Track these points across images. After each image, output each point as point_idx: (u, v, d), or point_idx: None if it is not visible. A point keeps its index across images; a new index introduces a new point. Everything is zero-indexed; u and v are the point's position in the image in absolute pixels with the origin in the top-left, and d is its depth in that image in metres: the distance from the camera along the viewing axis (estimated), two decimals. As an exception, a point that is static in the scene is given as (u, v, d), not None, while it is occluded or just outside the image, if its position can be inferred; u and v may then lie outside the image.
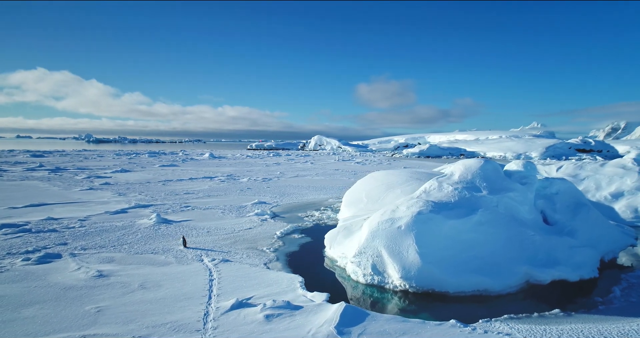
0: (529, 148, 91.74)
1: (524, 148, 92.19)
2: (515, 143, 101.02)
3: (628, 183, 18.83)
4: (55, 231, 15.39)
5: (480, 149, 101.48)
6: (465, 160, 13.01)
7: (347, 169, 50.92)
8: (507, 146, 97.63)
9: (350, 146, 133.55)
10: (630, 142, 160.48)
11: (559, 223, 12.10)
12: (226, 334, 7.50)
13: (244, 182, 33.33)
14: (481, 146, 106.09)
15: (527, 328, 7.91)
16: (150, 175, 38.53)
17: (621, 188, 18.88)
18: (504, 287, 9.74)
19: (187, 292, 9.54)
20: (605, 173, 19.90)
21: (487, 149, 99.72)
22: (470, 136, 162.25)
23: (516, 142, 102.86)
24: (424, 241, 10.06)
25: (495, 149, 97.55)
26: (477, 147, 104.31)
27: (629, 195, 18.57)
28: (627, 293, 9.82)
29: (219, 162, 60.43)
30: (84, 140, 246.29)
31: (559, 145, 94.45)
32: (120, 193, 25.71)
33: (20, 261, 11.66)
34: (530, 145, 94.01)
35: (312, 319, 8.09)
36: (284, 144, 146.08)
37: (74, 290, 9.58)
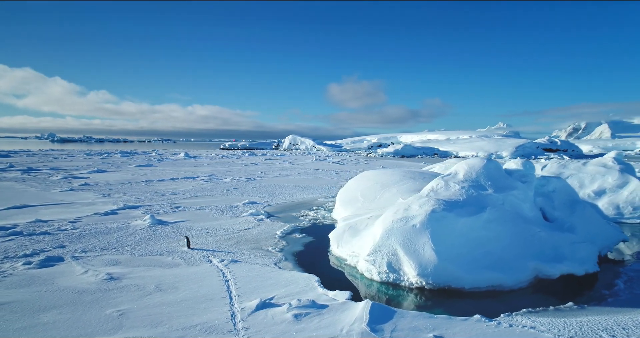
0: (499, 148, 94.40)
1: (495, 148, 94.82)
2: (486, 143, 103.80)
3: (610, 181, 19.72)
4: (48, 234, 14.87)
5: (452, 148, 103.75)
6: (469, 159, 13.34)
7: (327, 168, 51.08)
8: (479, 146, 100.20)
9: (324, 146, 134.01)
10: (592, 142, 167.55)
11: (558, 220, 12.57)
12: (260, 335, 7.48)
13: (228, 182, 32.99)
14: (453, 146, 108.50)
15: (548, 321, 8.21)
16: (129, 175, 37.60)
17: (603, 186, 19.75)
18: (515, 282, 10.07)
19: (206, 294, 9.43)
20: (587, 171, 20.76)
21: (460, 148, 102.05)
22: (441, 136, 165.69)
23: (487, 142, 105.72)
24: (439, 239, 10.28)
25: (467, 148, 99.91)
26: (449, 147, 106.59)
27: (610, 192, 19.45)
28: (630, 286, 10.32)
29: (195, 162, 59.52)
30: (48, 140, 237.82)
31: (528, 144, 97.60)
32: (104, 194, 25.01)
33: (21, 265, 11.23)
34: (501, 145, 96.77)
35: (341, 318, 8.16)
36: (257, 144, 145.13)
37: (88, 294, 9.31)
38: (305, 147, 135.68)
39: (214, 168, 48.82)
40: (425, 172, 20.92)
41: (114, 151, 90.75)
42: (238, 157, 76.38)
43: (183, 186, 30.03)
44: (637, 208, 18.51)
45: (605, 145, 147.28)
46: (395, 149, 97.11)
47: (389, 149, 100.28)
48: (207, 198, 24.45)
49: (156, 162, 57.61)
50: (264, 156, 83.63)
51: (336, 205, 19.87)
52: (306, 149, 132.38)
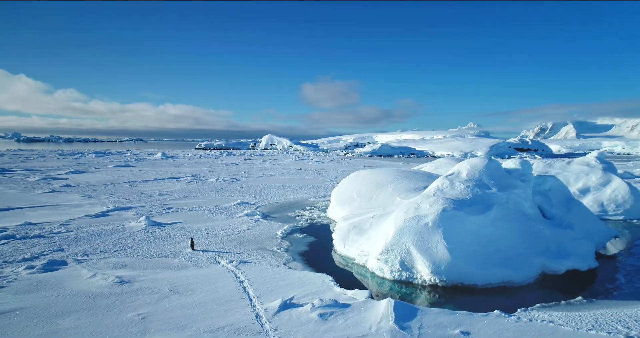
0: (474, 147, 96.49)
1: (470, 147, 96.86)
2: (461, 142, 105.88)
3: (593, 180, 20.49)
4: (42, 237, 14.40)
5: (428, 148, 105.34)
6: (471, 159, 13.65)
7: (309, 168, 51.11)
8: (454, 145, 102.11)
9: (301, 145, 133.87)
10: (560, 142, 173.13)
11: (556, 218, 13.01)
12: (290, 335, 7.48)
13: (213, 183, 32.62)
14: (429, 145, 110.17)
15: (563, 315, 8.51)
16: (110, 176, 36.70)
17: (587, 184, 20.51)
18: (524, 278, 10.38)
19: (223, 295, 9.36)
20: (572, 170, 21.52)
21: (435, 148, 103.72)
22: (416, 136, 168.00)
23: (461, 142, 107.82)
24: (451, 237, 10.50)
25: (443, 148, 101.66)
26: (425, 147, 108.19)
27: (594, 190, 20.22)
28: (630, 279, 10.80)
29: (174, 162, 58.57)
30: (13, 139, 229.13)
31: (501, 144, 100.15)
32: (89, 195, 24.35)
33: (24, 269, 10.87)
34: (475, 145, 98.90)
35: (366, 316, 8.24)
36: (234, 144, 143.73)
37: (103, 298, 9.10)
38: (282, 146, 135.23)
39: (195, 168, 48.15)
40: (418, 172, 21.24)
41: (86, 151, 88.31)
42: (216, 157, 75.52)
43: (169, 187, 29.54)
44: (619, 206, 19.30)
45: (573, 145, 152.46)
46: (372, 148, 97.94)
47: (366, 148, 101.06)
48: (196, 199, 24.13)
49: (134, 162, 56.38)
50: (242, 156, 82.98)
51: (331, 205, 19.96)
52: (283, 149, 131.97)
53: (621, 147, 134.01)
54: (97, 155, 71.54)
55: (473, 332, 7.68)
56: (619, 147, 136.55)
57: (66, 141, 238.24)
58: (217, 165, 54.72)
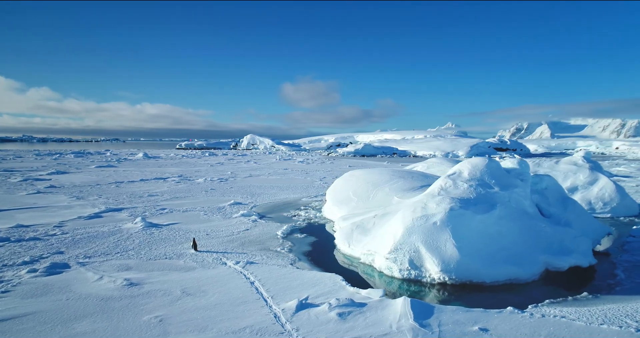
0: (455, 147, 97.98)
1: (451, 147, 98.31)
2: (442, 142, 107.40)
3: (581, 178, 21.09)
4: (38, 239, 14.06)
5: (410, 147, 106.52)
6: (471, 158, 13.90)
7: (294, 168, 51.07)
8: (435, 145, 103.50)
9: (283, 145, 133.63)
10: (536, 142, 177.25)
11: (554, 216, 13.35)
12: (313, 335, 7.51)
13: (202, 183, 32.31)
14: (411, 145, 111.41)
15: (573, 310, 8.77)
16: (94, 176, 35.96)
17: (575, 183, 21.10)
18: (530, 275, 10.63)
19: (237, 296, 9.31)
20: (560, 170, 22.10)
21: (417, 147, 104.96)
22: (397, 136, 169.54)
23: (443, 142, 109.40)
24: (459, 235, 10.68)
25: (424, 148, 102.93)
26: (407, 146, 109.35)
27: (582, 189, 20.81)
28: (629, 275, 11.16)
29: (156, 162, 57.75)
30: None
31: (481, 144, 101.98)
32: (77, 196, 23.82)
33: (26, 273, 10.60)
34: (457, 145, 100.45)
35: (384, 314, 8.33)
36: (215, 143, 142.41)
37: (115, 301, 8.95)
38: (264, 146, 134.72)
39: (179, 168, 47.58)
40: (412, 172, 21.49)
41: (64, 151, 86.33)
42: (199, 157, 74.75)
43: (157, 187, 29.12)
44: (607, 204, 19.92)
45: (549, 144, 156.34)
46: (355, 148, 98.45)
47: (349, 148, 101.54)
48: (187, 199, 23.87)
49: (116, 162, 55.38)
50: (225, 156, 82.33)
51: (327, 205, 20.02)
52: (265, 149, 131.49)
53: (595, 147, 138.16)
54: (76, 155, 69.96)
55: (490, 328, 7.84)
56: (593, 146, 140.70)
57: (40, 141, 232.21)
58: (201, 165, 54.18)
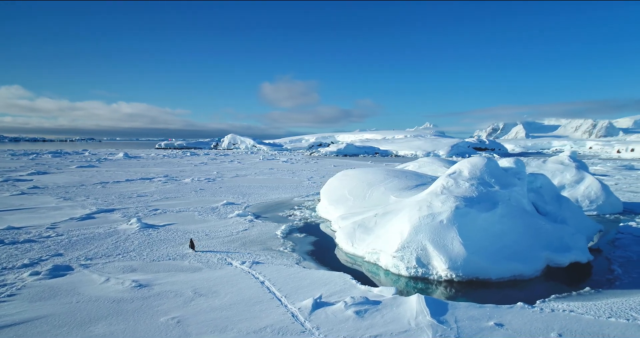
0: (436, 147, 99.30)
1: (432, 147, 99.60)
2: (423, 142, 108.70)
3: (568, 177, 21.70)
4: (33, 241, 13.72)
5: (391, 147, 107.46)
6: (470, 158, 14.16)
7: (280, 168, 50.98)
8: (416, 145, 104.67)
9: (265, 145, 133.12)
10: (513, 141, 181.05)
11: (550, 214, 13.73)
12: (335, 333, 7.56)
13: (189, 183, 31.97)
14: (392, 145, 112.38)
15: (580, 305, 9.05)
16: (77, 177, 35.18)
17: (562, 182, 21.69)
18: (533, 271, 10.92)
19: (250, 296, 9.29)
20: (547, 169, 22.68)
21: (398, 147, 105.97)
22: (378, 135, 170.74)
23: (423, 141, 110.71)
24: (465, 233, 10.90)
25: (406, 147, 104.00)
26: (388, 146, 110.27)
27: (569, 187, 21.42)
28: (625, 270, 11.57)
29: (138, 162, 56.84)
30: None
31: (461, 144, 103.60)
32: (65, 197, 23.28)
33: (29, 276, 10.34)
34: (437, 144, 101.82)
35: (400, 312, 8.44)
36: (195, 143, 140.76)
37: (127, 303, 8.83)
38: (245, 146, 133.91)
39: (163, 168, 46.95)
40: (405, 171, 21.74)
41: (40, 151, 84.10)
42: (181, 157, 73.83)
43: (144, 188, 28.69)
44: (593, 202, 20.55)
45: (525, 144, 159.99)
46: (338, 148, 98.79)
47: (331, 148, 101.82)
48: (178, 200, 23.60)
49: (96, 162, 54.27)
50: (207, 156, 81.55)
51: (323, 204, 20.09)
52: (246, 148, 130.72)
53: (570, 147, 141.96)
54: (54, 155, 68.24)
55: (505, 323, 8.04)
56: (568, 146, 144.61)
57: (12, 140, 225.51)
58: (185, 165, 53.56)
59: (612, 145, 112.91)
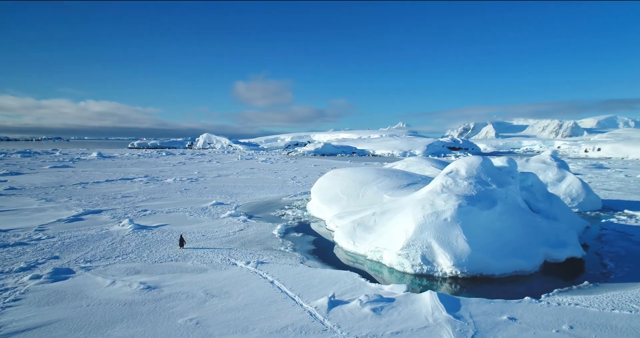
0: (412, 146, 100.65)
1: (408, 146, 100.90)
2: (399, 142, 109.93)
3: (550, 176, 22.44)
4: (24, 244, 13.26)
5: (368, 147, 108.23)
6: (466, 157, 14.46)
7: (261, 167, 50.71)
8: (393, 144, 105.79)
9: (241, 144, 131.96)
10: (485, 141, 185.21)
11: (542, 211, 14.19)
12: (355, 330, 7.64)
13: (172, 183, 31.46)
14: (368, 144, 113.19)
15: (583, 298, 9.41)
16: (53, 177, 34.10)
17: (545, 180, 22.40)
18: (532, 267, 11.29)
19: (263, 296, 9.27)
20: (531, 168, 23.40)
21: (375, 147, 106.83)
22: (354, 135, 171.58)
23: (399, 141, 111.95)
24: (468, 231, 11.16)
25: (382, 147, 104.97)
26: (365, 145, 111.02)
27: (552, 186, 22.14)
28: (617, 264, 12.09)
29: (114, 162, 55.49)
30: None
31: (436, 143, 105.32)
32: (46, 199, 22.57)
33: (29, 279, 10.02)
34: (413, 144, 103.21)
35: (416, 308, 8.59)
36: (169, 143, 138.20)
37: (139, 305, 8.67)
38: (220, 145, 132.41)
39: (141, 168, 45.99)
40: (395, 170, 22.02)
41: (8, 151, 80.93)
42: (157, 157, 72.47)
43: (126, 188, 28.08)
44: (574, 199, 21.31)
45: (497, 143, 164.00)
46: (315, 147, 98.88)
47: (309, 147, 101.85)
48: (165, 200, 23.22)
49: (70, 162, 52.72)
50: (183, 155, 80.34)
51: (315, 204, 20.12)
52: (222, 148, 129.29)
53: (539, 146, 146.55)
54: (23, 155, 65.90)
55: (517, 317, 8.29)
56: (537, 145, 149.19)
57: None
58: (163, 165, 52.61)
59: (579, 145, 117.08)
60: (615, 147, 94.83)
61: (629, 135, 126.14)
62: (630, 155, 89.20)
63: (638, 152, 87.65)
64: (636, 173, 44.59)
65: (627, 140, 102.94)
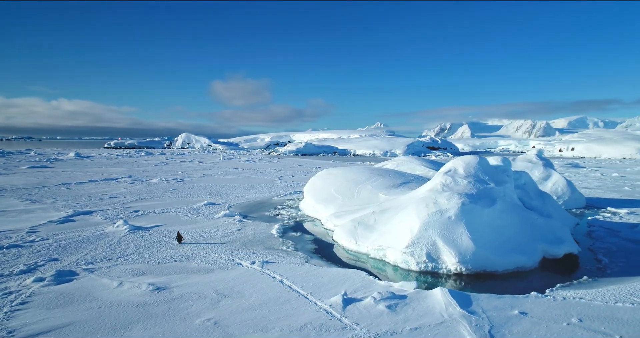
0: (392, 146, 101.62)
1: (389, 146, 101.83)
2: (380, 141, 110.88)
3: (537, 174, 23.05)
4: (18, 246, 12.92)
5: (349, 146, 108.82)
6: (463, 156, 14.75)
7: (245, 167, 50.45)
8: (373, 144, 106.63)
9: (220, 144, 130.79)
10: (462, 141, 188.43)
11: (536, 209, 14.60)
12: (374, 327, 7.73)
13: (158, 184, 31.02)
14: (349, 144, 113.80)
15: (586, 292, 9.74)
16: (33, 178, 33.16)
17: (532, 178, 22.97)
18: (532, 263, 11.62)
19: (276, 295, 9.28)
20: (517, 166, 23.97)
21: (356, 146, 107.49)
22: (334, 135, 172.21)
23: (380, 141, 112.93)
24: (472, 228, 11.41)
25: (363, 146, 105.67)
26: (346, 145, 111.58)
27: (538, 184, 22.58)
28: (611, 259, 12.54)
29: (93, 162, 54.31)
30: None
31: (416, 143, 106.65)
32: (32, 200, 21.96)
33: (32, 282, 9.78)
34: (393, 144, 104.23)
35: (429, 305, 8.74)
36: (148, 142, 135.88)
37: (152, 307, 8.58)
38: (200, 145, 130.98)
39: (123, 168, 45.17)
40: (387, 170, 22.26)
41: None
42: (137, 157, 71.21)
43: (113, 189, 27.56)
44: (560, 197, 21.94)
45: (474, 143, 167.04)
46: (297, 147, 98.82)
47: (290, 147, 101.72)
48: (154, 201, 22.89)
49: (48, 162, 51.34)
50: (163, 155, 79.22)
51: (309, 203, 20.18)
52: (202, 148, 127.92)
53: (514, 146, 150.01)
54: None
55: (528, 311, 8.53)
56: (513, 145, 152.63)
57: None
58: (144, 165, 51.76)
59: (553, 145, 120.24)
60: (588, 146, 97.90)
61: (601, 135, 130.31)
62: (602, 155, 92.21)
63: (610, 151, 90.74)
64: (611, 172, 46.13)
65: (600, 140, 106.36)
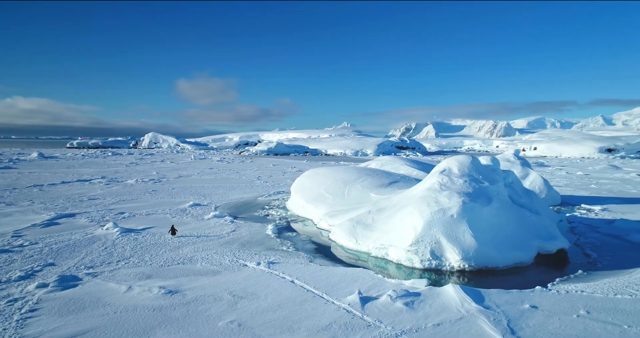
0: (363, 145, 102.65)
1: (359, 146, 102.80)
2: (350, 141, 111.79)
3: (516, 173, 23.82)
4: (8, 251, 12.34)
5: (320, 146, 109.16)
6: (456, 156, 15.15)
7: (220, 167, 49.82)
8: (344, 144, 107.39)
9: (189, 144, 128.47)
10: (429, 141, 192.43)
11: (525, 206, 15.15)
12: (397, 324, 7.88)
13: (135, 185, 30.23)
14: (320, 144, 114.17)
15: (585, 286, 10.23)
16: (0, 179, 31.63)
17: (510, 178, 23.79)
18: (529, 258, 12.09)
19: (292, 296, 9.30)
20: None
21: (327, 146, 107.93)
22: (303, 134, 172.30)
23: (350, 140, 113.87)
24: (474, 226, 11.76)
25: (334, 146, 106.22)
26: (316, 145, 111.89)
27: (517, 183, 23.55)
28: (600, 254, 13.18)
29: (59, 163, 52.29)
30: None
31: (386, 143, 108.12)
32: (6, 202, 20.97)
33: (36, 288, 9.40)
34: (364, 143, 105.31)
35: (444, 301, 8.98)
36: (112, 142, 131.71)
37: (170, 310, 8.43)
38: (167, 145, 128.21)
39: (93, 169, 43.74)
40: (374, 169, 22.55)
41: None
42: (104, 157, 69.01)
43: (89, 190, 26.67)
44: (538, 194, 22.81)
45: (440, 143, 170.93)
46: (268, 147, 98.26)
47: (261, 147, 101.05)
48: (136, 202, 22.33)
49: (10, 163, 49.04)
50: (131, 155, 77.08)
51: (298, 203, 20.19)
52: (169, 147, 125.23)
53: (479, 145, 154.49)
54: (-49, 155, 60.37)
55: (537, 305, 8.89)
56: (477, 145, 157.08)
57: None
58: (114, 165, 50.27)
59: (516, 144, 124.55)
60: (550, 146, 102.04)
61: (560, 135, 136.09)
62: (562, 154, 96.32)
63: (570, 150, 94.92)
64: (575, 171, 48.35)
65: (560, 140, 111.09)
